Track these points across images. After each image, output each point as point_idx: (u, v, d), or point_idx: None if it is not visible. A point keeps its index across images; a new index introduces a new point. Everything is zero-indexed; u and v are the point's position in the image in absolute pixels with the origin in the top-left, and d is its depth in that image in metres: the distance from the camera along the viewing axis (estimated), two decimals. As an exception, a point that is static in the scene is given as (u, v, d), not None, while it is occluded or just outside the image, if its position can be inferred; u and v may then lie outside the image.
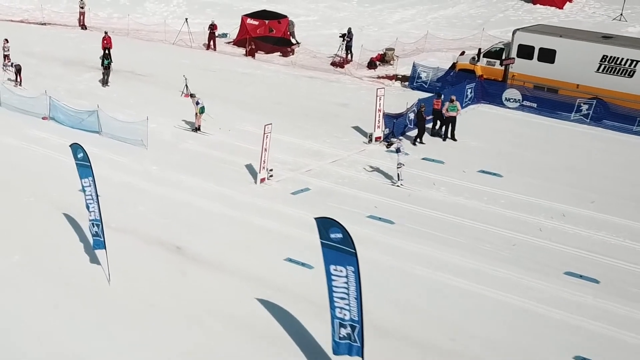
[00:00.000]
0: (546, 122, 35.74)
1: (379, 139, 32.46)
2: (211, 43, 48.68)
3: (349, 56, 45.73)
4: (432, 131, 33.44)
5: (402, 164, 28.05)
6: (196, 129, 33.66)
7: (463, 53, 42.16)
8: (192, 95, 34.02)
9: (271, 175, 28.14)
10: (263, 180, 27.84)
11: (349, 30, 45.82)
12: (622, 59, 35.42)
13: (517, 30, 39.00)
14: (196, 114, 33.36)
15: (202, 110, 33.21)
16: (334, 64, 45.31)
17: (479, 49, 40.45)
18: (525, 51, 38.03)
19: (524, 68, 38.10)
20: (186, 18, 50.01)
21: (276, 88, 41.02)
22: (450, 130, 33.18)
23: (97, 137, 32.24)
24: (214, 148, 31.58)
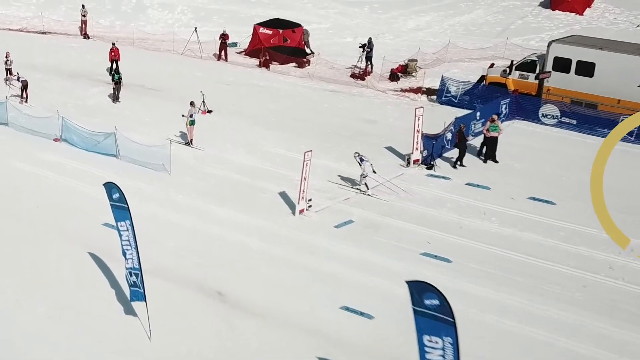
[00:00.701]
0: (589, 141, 33.65)
1: (417, 162, 30.36)
2: (222, 53, 46.42)
3: (369, 67, 43.60)
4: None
5: (367, 174, 27.15)
6: (188, 143, 31.82)
7: (492, 65, 40.09)
8: (192, 103, 32.07)
9: (310, 206, 26.03)
10: (302, 211, 25.71)
11: (370, 41, 43.69)
12: (668, 73, 33.50)
13: (553, 42, 36.98)
14: (187, 126, 31.74)
15: (192, 122, 31.53)
16: (353, 76, 43.21)
17: (511, 62, 38.40)
18: (561, 64, 36.02)
19: (560, 82, 36.08)
20: (195, 27, 47.67)
21: (297, 103, 38.86)
22: (491, 152, 31.11)
23: (115, 162, 30.16)
24: (240, 172, 29.47)
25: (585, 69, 35.46)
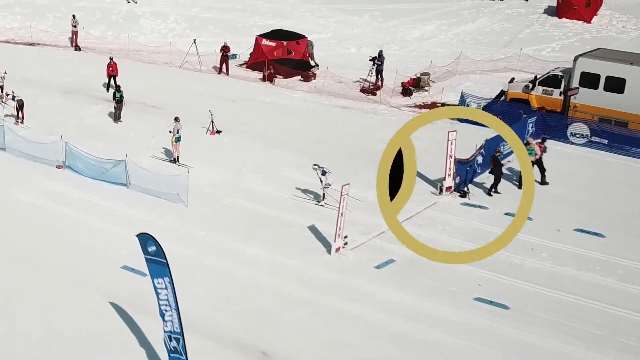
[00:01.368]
0: (623, 162, 32.05)
1: (449, 189, 28.43)
2: (223, 67, 44.20)
3: (380, 81, 41.61)
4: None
5: (329, 184, 26.60)
6: (174, 160, 30.18)
7: (512, 80, 38.27)
8: (177, 118, 30.36)
9: (346, 243, 23.99)
10: (338, 249, 23.67)
11: (380, 53, 41.76)
12: None
13: (580, 56, 35.22)
14: (172, 143, 30.25)
15: (178, 139, 29.97)
16: (364, 90, 41.20)
17: (534, 76, 36.60)
18: (589, 79, 34.32)
19: (588, 98, 34.38)
20: (194, 39, 45.40)
21: (309, 121, 36.77)
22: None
23: (125, 191, 27.94)
24: (260, 202, 27.42)
25: (615, 84, 33.82)
